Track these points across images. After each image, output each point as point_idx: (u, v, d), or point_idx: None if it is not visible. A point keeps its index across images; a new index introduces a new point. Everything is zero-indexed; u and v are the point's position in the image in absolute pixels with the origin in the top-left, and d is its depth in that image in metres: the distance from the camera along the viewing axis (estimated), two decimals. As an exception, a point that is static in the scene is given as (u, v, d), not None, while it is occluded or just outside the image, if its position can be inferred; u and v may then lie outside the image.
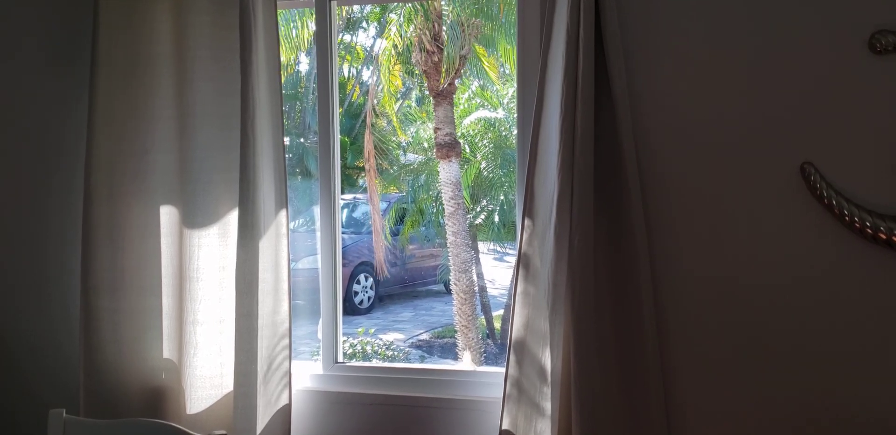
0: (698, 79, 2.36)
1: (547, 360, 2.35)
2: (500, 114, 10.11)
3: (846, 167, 2.26)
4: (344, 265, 10.26)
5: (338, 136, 2.79)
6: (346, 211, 11.24)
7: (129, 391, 2.64)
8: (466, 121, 10.06)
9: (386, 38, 9.07)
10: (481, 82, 10.37)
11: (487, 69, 9.28)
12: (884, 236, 2.19)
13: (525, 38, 2.54)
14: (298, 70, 10.23)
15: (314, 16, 2.77)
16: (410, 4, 8.35)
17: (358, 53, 11.37)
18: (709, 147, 2.36)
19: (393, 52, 8.86)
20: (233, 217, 2.59)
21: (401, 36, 8.71)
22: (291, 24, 8.63)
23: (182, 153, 2.62)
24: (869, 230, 2.21)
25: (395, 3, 8.43)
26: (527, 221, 2.43)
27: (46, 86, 2.83)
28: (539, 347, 2.38)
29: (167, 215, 2.63)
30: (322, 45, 2.75)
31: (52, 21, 2.82)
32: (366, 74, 11.41)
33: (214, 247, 2.62)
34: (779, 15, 2.29)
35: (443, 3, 8.35)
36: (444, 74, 8.42)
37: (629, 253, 2.32)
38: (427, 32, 8.40)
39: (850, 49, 2.25)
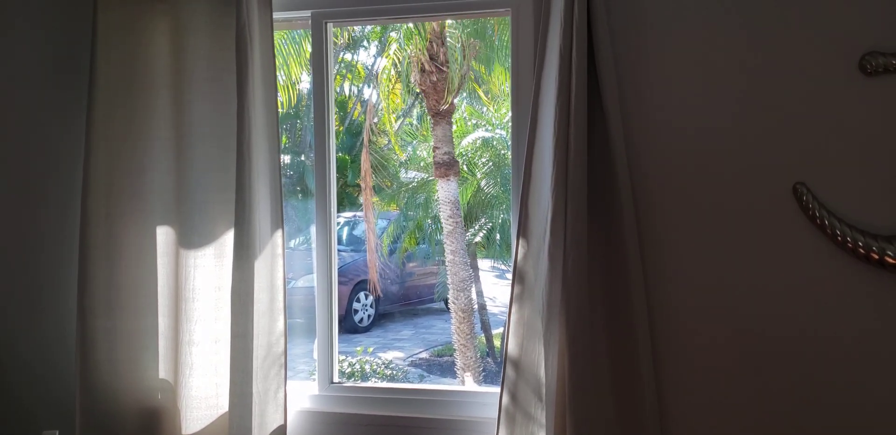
0: (690, 99, 2.38)
1: (542, 379, 2.35)
2: (499, 133, 10.14)
3: (838, 187, 2.27)
4: (343, 283, 10.23)
5: (334, 156, 2.81)
6: (346, 229, 11.24)
7: (124, 412, 2.64)
8: (465, 141, 10.09)
9: (385, 57, 9.13)
10: (477, 103, 10.44)
11: (483, 91, 9.34)
12: (876, 256, 2.20)
13: (519, 58, 2.56)
14: (300, 88, 10.28)
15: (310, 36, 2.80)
16: (409, 25, 8.40)
17: (359, 72, 11.42)
18: (701, 167, 2.37)
19: (393, 71, 8.91)
20: (229, 237, 2.60)
21: (397, 58, 8.77)
22: (293, 43, 8.68)
23: (179, 173, 2.64)
24: (861, 250, 2.21)
25: (395, 24, 8.48)
26: (521, 240, 2.44)
27: (44, 105, 2.85)
28: (534, 367, 2.38)
29: (164, 235, 2.65)
30: (318, 64, 2.78)
31: (49, 41, 2.85)
32: (367, 93, 11.48)
33: (210, 267, 2.63)
34: (770, 36, 2.32)
35: (449, 23, 8.40)
36: (447, 95, 8.46)
37: (623, 271, 2.33)
38: (425, 52, 8.45)
39: (841, 70, 2.26)
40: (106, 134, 2.62)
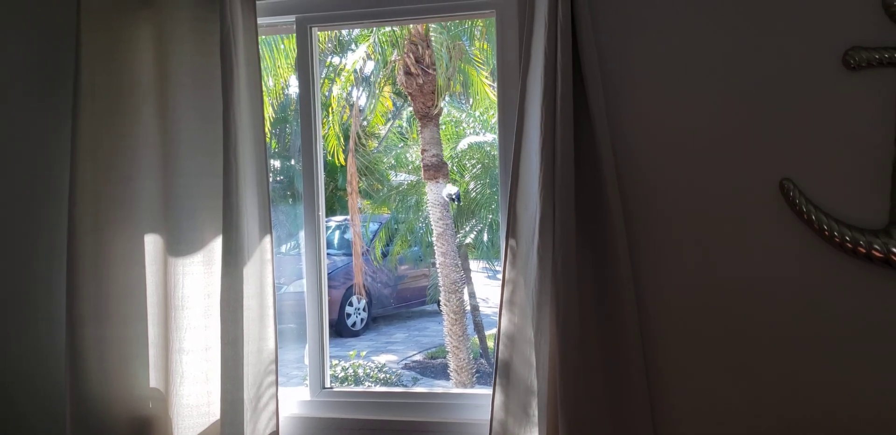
0: (676, 98, 2.38)
1: (533, 381, 2.35)
2: (489, 136, 10.15)
3: (825, 183, 2.28)
4: (335, 287, 10.20)
5: (321, 160, 2.80)
6: (337, 232, 11.22)
7: (116, 421, 2.62)
8: (459, 146, 10.10)
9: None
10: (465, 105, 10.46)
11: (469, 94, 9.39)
12: (863, 250, 2.21)
13: (504, 59, 2.56)
14: (288, 93, 10.27)
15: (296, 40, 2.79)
16: (395, 28, 8.41)
17: (340, 73, 11.40)
18: (688, 165, 2.38)
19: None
20: (217, 244, 2.59)
21: (375, 58, 8.81)
22: (279, 48, 8.67)
23: (166, 180, 2.63)
24: (849, 244, 2.22)
25: (380, 27, 8.48)
26: (510, 242, 2.43)
27: (29, 115, 2.84)
28: (525, 369, 2.38)
29: (151, 243, 2.63)
30: (303, 69, 2.77)
31: (33, 49, 2.83)
32: (354, 95, 11.46)
33: (199, 274, 2.62)
34: (754, 33, 2.32)
35: (432, 27, 8.41)
36: (437, 97, 8.48)
37: (612, 271, 2.33)
38: (410, 55, 8.45)
39: (825, 66, 2.27)
40: (92, 142, 2.61)
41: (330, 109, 9.72)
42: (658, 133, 2.40)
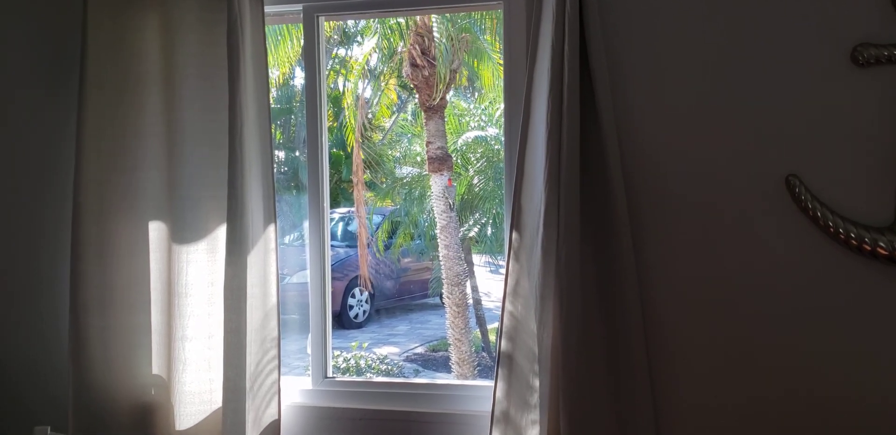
0: (683, 92, 2.38)
1: (535, 372, 2.35)
2: (492, 131, 10.13)
3: (831, 179, 2.27)
4: (339, 279, 10.18)
5: (326, 151, 2.80)
6: (341, 224, 11.22)
7: (118, 408, 2.64)
8: (459, 141, 10.09)
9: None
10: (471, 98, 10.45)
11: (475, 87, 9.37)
12: (868, 247, 2.20)
13: (511, 51, 2.56)
14: (293, 84, 10.26)
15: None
16: (401, 19, 8.39)
17: (353, 67, 11.39)
18: (694, 160, 2.37)
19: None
20: (221, 233, 2.60)
21: (384, 51, 8.80)
22: (286, 38, 8.65)
23: (170, 170, 2.63)
24: (854, 241, 2.22)
25: (388, 17, 8.45)
26: (514, 235, 2.43)
27: (35, 103, 2.84)
28: (527, 360, 2.38)
29: (156, 232, 2.64)
30: (310, 59, 2.77)
31: (39, 39, 2.84)
32: (360, 87, 11.44)
33: (203, 262, 2.63)
34: (762, 29, 2.32)
35: (433, 18, 8.39)
36: (436, 89, 8.46)
37: (616, 264, 2.33)
38: (416, 47, 8.43)
39: (833, 62, 2.27)
40: (97, 131, 2.61)
41: (344, 103, 9.70)
42: (664, 127, 2.39)
